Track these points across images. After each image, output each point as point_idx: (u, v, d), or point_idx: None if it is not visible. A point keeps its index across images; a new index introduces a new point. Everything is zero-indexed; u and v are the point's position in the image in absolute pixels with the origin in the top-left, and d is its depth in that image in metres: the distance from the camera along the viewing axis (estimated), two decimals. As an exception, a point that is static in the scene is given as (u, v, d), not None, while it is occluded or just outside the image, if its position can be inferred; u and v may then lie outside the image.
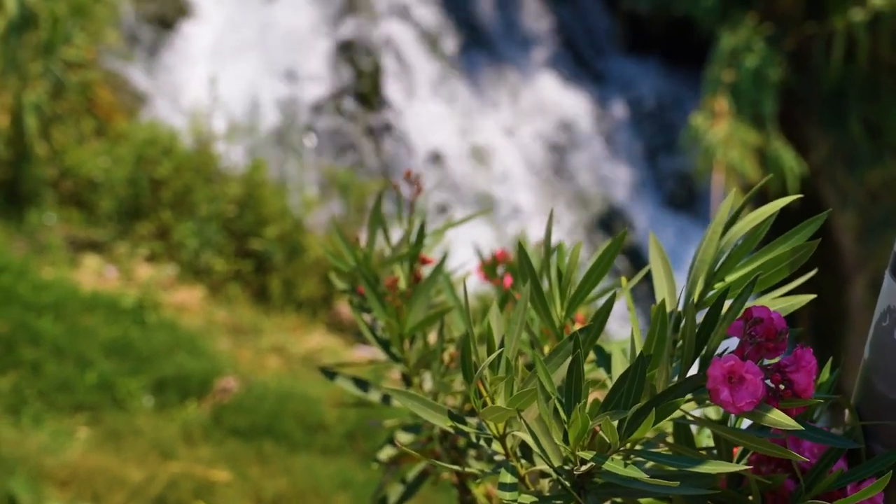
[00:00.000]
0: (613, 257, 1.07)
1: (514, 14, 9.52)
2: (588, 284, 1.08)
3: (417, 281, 1.32)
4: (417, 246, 1.31)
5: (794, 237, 0.97)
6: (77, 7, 5.94)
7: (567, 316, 1.12)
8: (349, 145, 8.33)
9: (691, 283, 1.00)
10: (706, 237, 1.02)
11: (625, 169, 9.07)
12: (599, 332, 1.00)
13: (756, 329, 0.81)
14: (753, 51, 8.00)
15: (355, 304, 1.32)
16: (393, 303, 1.24)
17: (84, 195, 6.25)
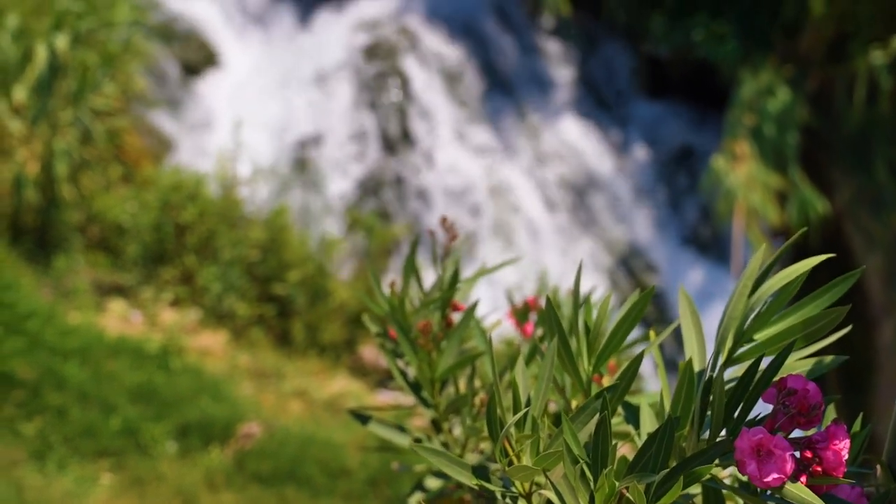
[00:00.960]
0: (641, 314, 1.07)
1: (535, 59, 9.61)
2: (615, 340, 1.08)
3: (449, 326, 1.33)
4: (449, 292, 1.32)
5: (824, 296, 0.96)
6: (107, 57, 6.05)
7: (594, 371, 1.12)
8: (372, 189, 8.39)
9: (720, 341, 0.99)
10: (735, 293, 1.01)
11: (647, 210, 9.06)
12: (627, 389, 1.00)
13: (790, 400, 0.80)
14: (775, 94, 8.01)
15: (388, 349, 1.33)
16: (425, 348, 1.25)
17: (110, 240, 6.32)
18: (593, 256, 8.61)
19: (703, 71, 9.02)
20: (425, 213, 8.38)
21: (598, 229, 8.76)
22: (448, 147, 8.75)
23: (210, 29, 9.84)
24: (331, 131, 8.64)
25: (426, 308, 1.32)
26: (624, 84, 9.79)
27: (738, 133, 8.00)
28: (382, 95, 8.85)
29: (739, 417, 0.86)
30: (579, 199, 8.85)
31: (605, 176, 9.06)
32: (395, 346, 1.33)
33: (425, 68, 9.16)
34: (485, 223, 8.46)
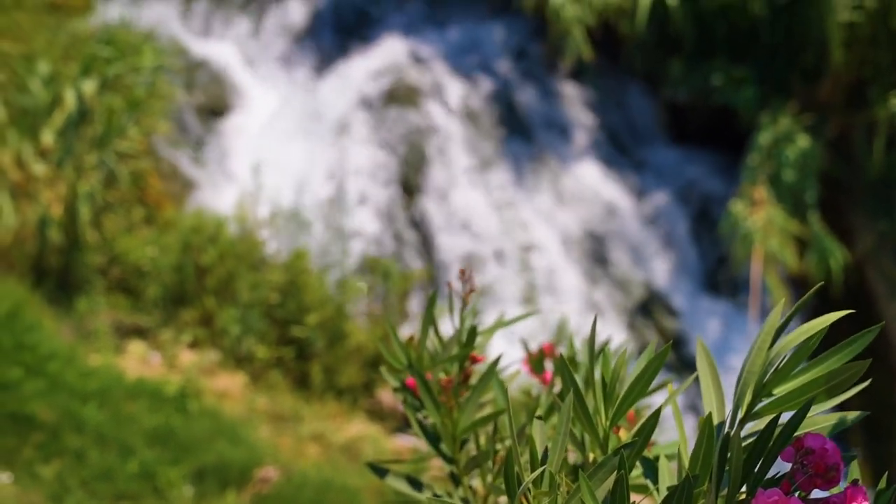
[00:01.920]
0: (657, 370, 1.07)
1: (554, 103, 9.67)
2: (632, 396, 1.07)
3: (467, 379, 1.33)
4: (468, 346, 1.33)
5: (845, 350, 0.96)
6: (132, 101, 6.16)
7: (612, 425, 1.11)
8: (391, 231, 8.42)
9: (739, 395, 0.99)
10: (755, 347, 1.01)
11: (665, 255, 9.03)
12: (644, 446, 0.99)
13: (808, 460, 0.79)
14: (794, 140, 8.01)
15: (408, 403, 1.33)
16: (446, 404, 1.25)
17: (131, 282, 6.37)
18: (611, 301, 8.58)
19: (723, 116, 9.04)
20: (444, 257, 8.40)
21: (617, 273, 8.74)
22: (467, 190, 8.79)
23: (233, 72, 10.00)
24: (350, 174, 8.71)
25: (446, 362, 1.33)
26: (643, 128, 9.82)
27: (757, 178, 8.00)
28: (402, 138, 8.93)
29: (758, 475, 0.85)
30: (598, 244, 8.84)
31: (624, 220, 9.06)
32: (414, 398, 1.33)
33: (445, 111, 9.25)
34: (503, 266, 8.46)
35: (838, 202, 8.44)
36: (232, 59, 10.23)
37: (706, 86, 8.97)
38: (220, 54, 10.23)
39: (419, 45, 9.94)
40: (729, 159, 9.22)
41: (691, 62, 9.08)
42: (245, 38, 10.50)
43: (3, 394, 4.10)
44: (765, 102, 8.45)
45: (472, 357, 1.36)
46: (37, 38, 6.65)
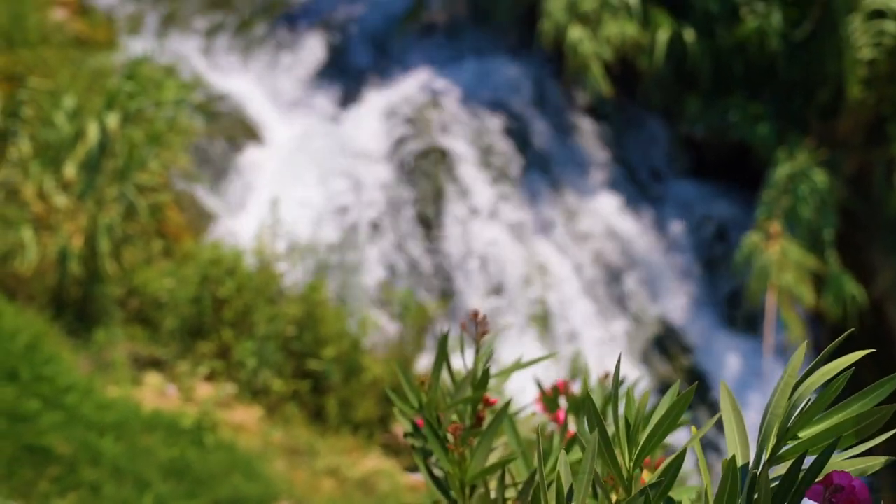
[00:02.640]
0: (681, 412, 1.06)
1: (572, 137, 9.71)
2: (656, 438, 1.07)
3: (480, 422, 1.32)
4: (479, 392, 1.32)
5: (871, 394, 0.95)
6: (153, 134, 6.23)
7: (636, 466, 1.11)
8: (408, 265, 8.43)
9: (763, 438, 0.98)
10: (778, 389, 1.00)
11: (681, 289, 9.00)
12: (669, 488, 0.99)
13: (837, 497, 0.79)
14: (811, 175, 8.00)
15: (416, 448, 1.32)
16: (455, 451, 1.24)
17: (149, 313, 6.40)
18: (627, 335, 8.54)
19: (740, 151, 9.05)
20: (461, 289, 8.39)
21: (633, 307, 8.70)
22: (484, 224, 8.81)
23: (252, 106, 10.11)
24: (368, 207, 8.75)
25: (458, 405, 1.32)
26: (660, 163, 9.83)
27: (773, 213, 7.97)
28: (419, 173, 8.97)
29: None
30: (615, 278, 8.82)
31: (641, 255, 9.04)
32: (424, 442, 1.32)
33: (462, 146, 9.29)
34: (519, 301, 8.45)
35: (856, 238, 8.39)
36: (252, 93, 10.35)
37: (723, 121, 8.98)
38: (240, 89, 10.35)
39: (437, 80, 10.02)
40: (746, 194, 9.21)
41: (708, 98, 9.10)
42: (265, 72, 10.62)
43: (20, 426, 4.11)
44: (782, 138, 8.45)
45: (485, 399, 1.35)
46: (62, 73, 6.76)
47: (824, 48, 8.35)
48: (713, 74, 9.06)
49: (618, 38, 8.91)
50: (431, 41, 10.68)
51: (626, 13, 9.05)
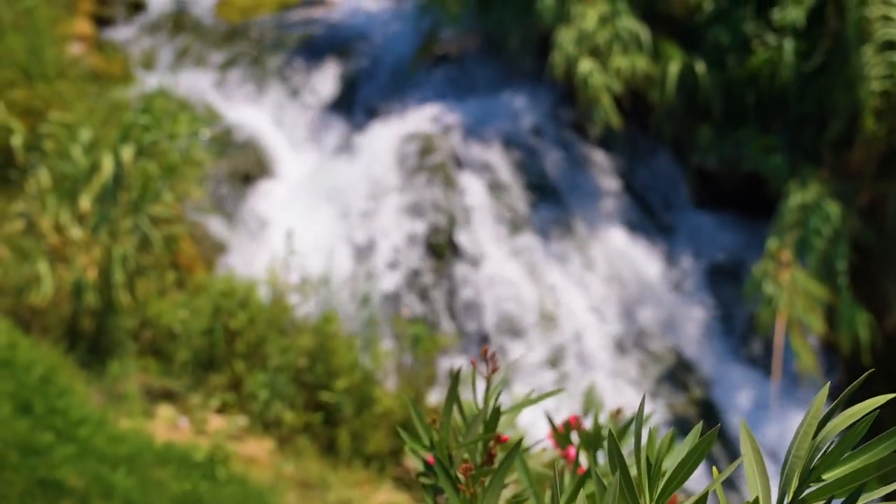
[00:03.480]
0: (704, 454, 1.06)
1: (582, 169, 9.73)
2: (677, 481, 1.06)
3: (491, 460, 1.32)
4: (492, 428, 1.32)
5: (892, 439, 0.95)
6: (167, 167, 6.27)
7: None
8: (420, 297, 8.43)
9: (786, 481, 0.98)
10: (800, 432, 1.00)
11: (693, 320, 8.96)
12: (694, 530, 0.98)
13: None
14: (823, 206, 7.98)
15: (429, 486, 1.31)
16: (466, 490, 1.23)
17: (162, 345, 6.41)
18: (639, 367, 8.49)
19: (753, 182, 9.04)
20: (472, 321, 8.38)
21: (645, 339, 8.66)
22: (495, 255, 8.82)
23: (265, 138, 10.19)
24: (379, 240, 8.78)
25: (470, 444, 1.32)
26: (672, 194, 9.84)
27: (785, 242, 7.95)
28: (430, 205, 9.00)
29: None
30: (627, 309, 8.79)
31: (654, 286, 9.02)
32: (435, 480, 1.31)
33: (473, 178, 9.33)
34: (531, 333, 8.42)
35: (870, 270, 8.35)
36: (264, 125, 10.44)
37: (736, 153, 8.99)
38: (254, 121, 10.44)
39: (450, 112, 10.08)
40: (758, 225, 9.19)
41: (720, 130, 9.12)
42: (278, 105, 10.72)
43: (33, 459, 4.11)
44: (795, 169, 8.44)
45: (496, 437, 1.35)
46: (79, 107, 6.84)
47: (836, 80, 8.37)
48: (725, 106, 9.09)
49: (628, 70, 8.96)
50: (444, 73, 10.76)
51: (637, 46, 9.11)
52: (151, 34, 12.08)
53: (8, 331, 4.45)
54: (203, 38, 12.09)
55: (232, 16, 12.91)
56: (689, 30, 9.37)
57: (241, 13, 13.00)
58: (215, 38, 12.05)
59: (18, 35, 7.32)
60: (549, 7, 9.32)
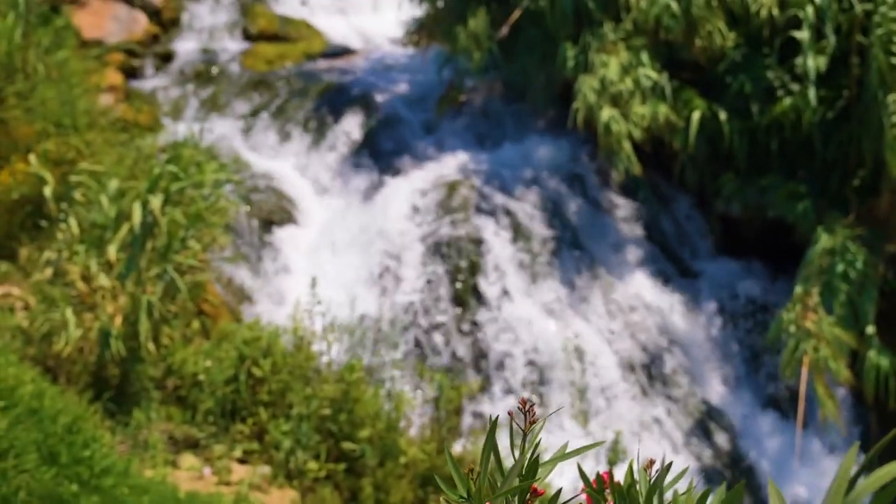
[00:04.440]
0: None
1: (605, 216, 9.73)
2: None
3: (528, 512, 1.31)
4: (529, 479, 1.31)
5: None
6: (193, 215, 6.34)
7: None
8: (443, 344, 8.41)
9: (820, 543, 0.96)
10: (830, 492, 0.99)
11: (720, 368, 8.87)
12: None
13: None
14: (850, 252, 7.91)
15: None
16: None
17: (186, 393, 6.42)
18: (666, 416, 8.39)
19: (778, 228, 8.99)
20: (496, 369, 8.34)
21: (671, 387, 8.57)
22: (519, 303, 8.79)
23: (290, 186, 10.29)
24: (403, 287, 8.79)
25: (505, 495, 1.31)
26: (695, 241, 9.80)
27: (810, 289, 7.87)
28: (453, 252, 9.02)
29: None
30: (652, 357, 8.71)
31: (678, 333, 8.94)
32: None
33: (496, 224, 9.35)
34: (556, 381, 8.36)
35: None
36: (289, 172, 10.55)
37: (760, 199, 8.96)
38: (278, 168, 10.56)
39: (472, 159, 10.15)
40: (783, 272, 9.12)
41: (744, 176, 9.11)
42: (302, 152, 10.84)
43: (58, 509, 4.12)
44: (821, 216, 8.39)
45: (532, 490, 1.34)
46: (108, 156, 6.95)
47: (861, 126, 8.36)
48: (748, 153, 9.08)
49: (649, 118, 8.99)
50: (467, 120, 10.86)
51: (658, 94, 9.16)
52: (179, 84, 12.31)
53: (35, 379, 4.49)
54: (229, 87, 12.30)
55: (258, 65, 13.13)
56: (710, 78, 9.42)
57: (266, 63, 13.23)
58: (241, 88, 12.25)
59: (52, 87, 7.49)
60: (572, 56, 9.41)
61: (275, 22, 14.30)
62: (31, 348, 5.62)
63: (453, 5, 10.51)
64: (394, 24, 12.90)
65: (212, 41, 13.77)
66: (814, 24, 8.47)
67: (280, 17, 14.51)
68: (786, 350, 7.71)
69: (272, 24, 14.21)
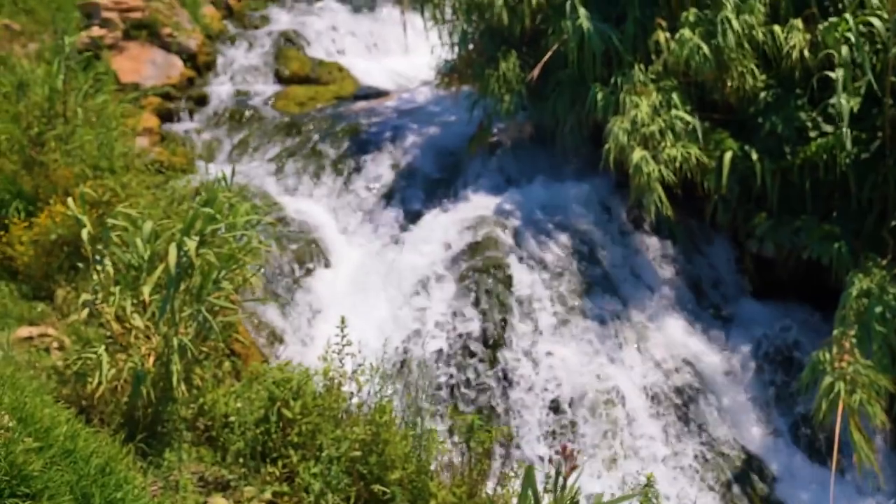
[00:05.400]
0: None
1: (637, 257, 9.67)
2: None
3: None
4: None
5: None
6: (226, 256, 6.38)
7: None
8: (475, 388, 8.36)
9: None
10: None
11: (755, 413, 8.71)
12: None
13: None
14: (887, 294, 7.79)
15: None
16: None
17: (217, 434, 6.40)
18: (702, 462, 8.24)
19: (813, 269, 8.89)
20: (527, 412, 8.26)
21: (705, 432, 8.43)
22: (550, 344, 8.73)
23: (320, 228, 10.35)
24: (433, 328, 8.77)
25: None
26: (728, 282, 9.71)
27: (846, 330, 7.74)
28: (484, 292, 8.99)
29: None
30: (686, 401, 8.59)
31: (712, 377, 8.82)
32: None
33: (527, 266, 9.32)
34: (588, 422, 8.26)
35: (940, 361, 8.07)
36: (319, 214, 10.63)
37: (794, 240, 8.87)
38: (310, 209, 10.64)
39: (503, 200, 10.17)
40: (820, 314, 8.99)
41: (777, 217, 9.03)
42: (333, 194, 10.92)
43: (90, 552, 4.09)
44: (857, 258, 8.28)
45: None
46: (143, 198, 7.05)
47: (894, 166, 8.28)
48: (781, 193, 9.02)
49: (681, 159, 8.97)
50: (497, 162, 10.90)
51: (689, 135, 9.14)
52: (213, 126, 12.49)
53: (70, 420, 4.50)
54: (262, 129, 12.46)
55: (290, 108, 13.30)
56: (742, 118, 9.39)
57: (298, 105, 13.40)
58: (273, 130, 12.41)
59: (90, 130, 7.63)
60: (602, 98, 9.44)
61: (307, 65, 14.51)
62: (66, 388, 5.65)
63: (484, 49, 10.60)
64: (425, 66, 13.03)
65: (245, 84, 13.99)
66: (848, 64, 8.43)
67: (312, 60, 14.73)
68: (820, 392, 7.56)
69: (304, 67, 14.42)
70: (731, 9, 9.06)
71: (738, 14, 9.10)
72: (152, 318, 5.83)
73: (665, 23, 9.59)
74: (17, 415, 4.12)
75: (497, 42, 10.42)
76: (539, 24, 10.34)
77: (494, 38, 10.47)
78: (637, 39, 9.66)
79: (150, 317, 5.83)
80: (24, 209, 7.21)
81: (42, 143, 7.42)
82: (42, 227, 6.94)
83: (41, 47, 9.87)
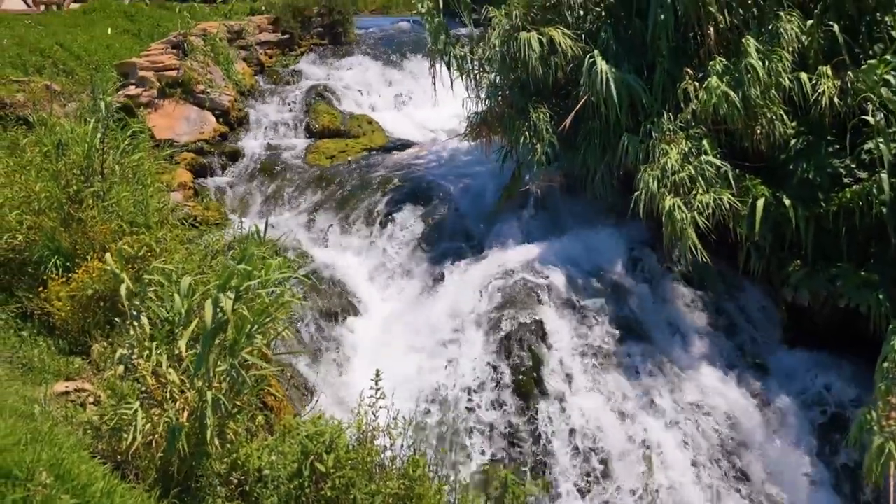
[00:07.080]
0: None
1: (670, 306, 9.58)
2: None
3: None
4: None
5: None
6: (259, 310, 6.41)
7: None
8: (508, 439, 8.27)
9: None
10: None
11: (796, 467, 8.51)
12: None
13: None
14: (930, 342, 7.61)
15: None
16: None
17: (250, 489, 6.37)
18: (743, 515, 8.06)
19: (850, 317, 8.74)
20: (561, 464, 8.14)
21: (747, 487, 8.25)
22: (583, 395, 8.63)
23: (352, 280, 10.39)
24: (467, 381, 8.71)
25: None
26: (764, 331, 9.57)
27: (892, 386, 7.56)
28: (517, 343, 8.94)
29: None
30: (725, 454, 8.42)
31: (750, 429, 8.64)
32: None
33: (561, 316, 9.27)
34: (622, 477, 8.12)
35: None
36: (351, 265, 10.67)
37: (830, 288, 8.75)
38: (341, 261, 10.69)
39: (535, 249, 10.15)
40: (860, 364, 8.81)
41: (812, 264, 8.93)
42: (364, 245, 10.97)
43: None
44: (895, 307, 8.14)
45: None
46: (178, 252, 7.13)
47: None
48: (816, 240, 8.92)
49: (712, 206, 8.92)
50: (528, 212, 10.91)
51: (721, 182, 9.11)
52: (245, 180, 12.64)
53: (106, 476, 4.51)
54: (293, 182, 12.60)
55: (321, 160, 13.44)
56: (773, 165, 9.35)
57: (328, 158, 13.54)
58: (305, 182, 12.54)
59: (126, 187, 7.76)
60: (633, 147, 9.46)
61: (337, 118, 14.69)
62: (101, 443, 5.66)
63: (514, 100, 10.69)
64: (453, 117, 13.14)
65: (277, 138, 14.19)
66: (884, 108, 8.39)
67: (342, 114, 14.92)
68: (871, 454, 7.36)
69: (335, 121, 14.60)
70: (757, 57, 9.08)
71: (765, 62, 9.11)
72: (186, 372, 5.86)
73: (693, 72, 9.63)
74: (55, 471, 4.13)
75: (527, 94, 10.50)
76: (570, 74, 10.42)
77: (525, 90, 10.55)
78: (666, 89, 9.70)
79: (184, 371, 5.85)
80: (63, 265, 7.30)
81: (80, 201, 7.55)
82: (79, 283, 7.02)
83: (80, 107, 10.10)
